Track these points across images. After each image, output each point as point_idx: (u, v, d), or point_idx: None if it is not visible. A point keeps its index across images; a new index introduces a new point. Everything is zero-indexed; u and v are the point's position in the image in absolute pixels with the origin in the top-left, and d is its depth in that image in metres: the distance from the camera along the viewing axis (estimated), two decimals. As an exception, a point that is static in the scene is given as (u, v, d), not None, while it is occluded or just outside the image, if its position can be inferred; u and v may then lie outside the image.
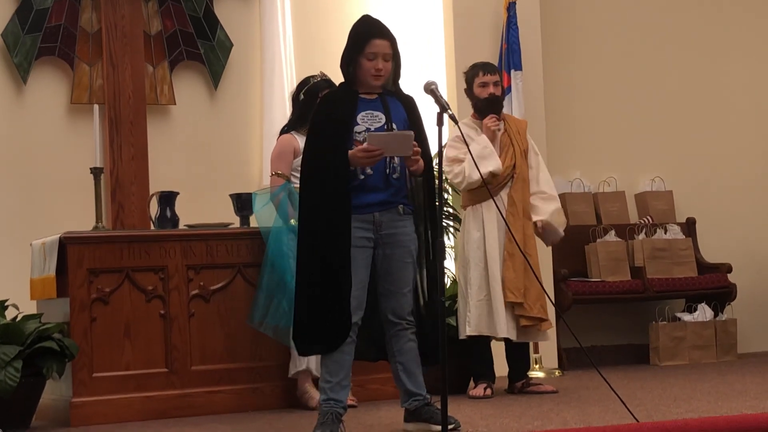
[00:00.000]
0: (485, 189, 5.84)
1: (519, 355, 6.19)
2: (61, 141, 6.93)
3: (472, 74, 6.16)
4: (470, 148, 5.42)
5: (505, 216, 5.90)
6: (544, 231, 6.15)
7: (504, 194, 6.05)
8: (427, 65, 7.47)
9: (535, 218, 6.09)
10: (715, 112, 8.70)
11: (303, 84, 5.99)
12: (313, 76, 5.96)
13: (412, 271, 4.66)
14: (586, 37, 8.40)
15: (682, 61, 8.63)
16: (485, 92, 6.11)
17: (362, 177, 4.56)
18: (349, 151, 4.50)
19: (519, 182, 6.07)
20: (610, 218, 8.20)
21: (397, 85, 4.74)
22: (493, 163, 5.93)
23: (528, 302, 5.95)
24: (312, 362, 5.66)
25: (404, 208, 4.64)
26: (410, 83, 4.98)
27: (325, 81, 5.86)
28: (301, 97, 5.92)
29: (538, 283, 5.63)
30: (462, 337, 6.02)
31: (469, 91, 6.18)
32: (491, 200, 5.91)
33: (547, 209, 6.11)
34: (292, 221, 5.58)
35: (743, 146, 8.73)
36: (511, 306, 5.96)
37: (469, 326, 5.98)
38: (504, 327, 5.95)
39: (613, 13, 8.50)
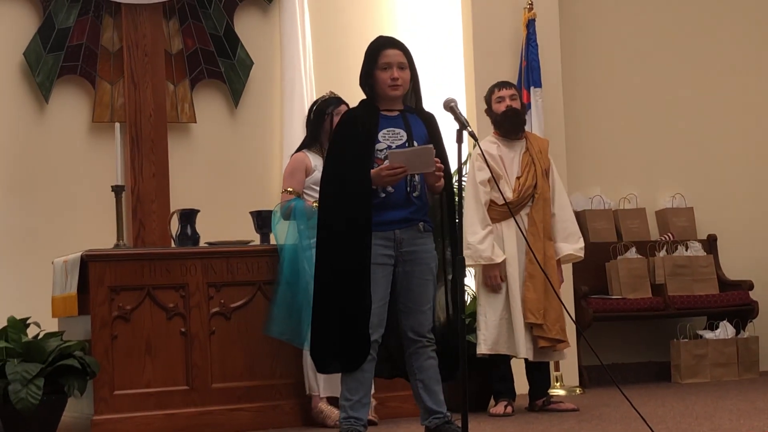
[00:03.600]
0: (506, 208, 5.83)
1: (540, 372, 6.17)
2: (82, 159, 6.95)
3: (488, 93, 6.24)
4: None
5: (525, 236, 5.90)
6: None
7: (524, 214, 6.05)
8: (446, 83, 7.47)
9: (557, 257, 6.10)
10: (736, 128, 8.66)
11: (313, 105, 6.04)
12: (321, 97, 6.00)
13: (433, 289, 4.66)
14: (605, 54, 8.39)
15: (701, 78, 8.60)
16: (502, 106, 6.14)
17: (383, 195, 4.57)
18: (372, 170, 4.51)
19: (540, 202, 6.06)
20: (630, 235, 8.17)
21: (419, 103, 4.76)
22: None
23: (547, 323, 5.94)
24: (321, 385, 5.67)
25: (425, 225, 4.64)
26: (429, 101, 4.99)
27: (334, 98, 5.89)
28: (311, 117, 5.96)
29: (559, 304, 5.62)
30: (478, 354, 6.00)
31: (488, 110, 6.22)
32: (511, 219, 5.92)
33: (568, 249, 6.12)
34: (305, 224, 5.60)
35: (765, 163, 8.69)
36: (529, 326, 5.95)
37: (485, 344, 5.97)
38: (522, 347, 5.94)
39: (633, 30, 8.49)
